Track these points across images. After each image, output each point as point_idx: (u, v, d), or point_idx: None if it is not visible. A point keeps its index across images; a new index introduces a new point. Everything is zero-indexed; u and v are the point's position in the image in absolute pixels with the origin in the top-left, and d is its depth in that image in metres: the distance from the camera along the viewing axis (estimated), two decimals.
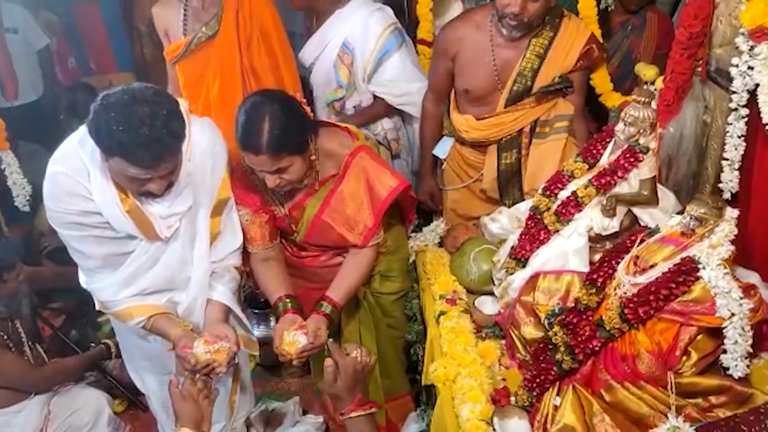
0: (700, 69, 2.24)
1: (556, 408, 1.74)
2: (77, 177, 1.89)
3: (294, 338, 2.04)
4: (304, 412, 3.09)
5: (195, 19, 2.80)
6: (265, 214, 2.28)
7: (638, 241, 1.81)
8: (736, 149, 2.07)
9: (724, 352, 1.62)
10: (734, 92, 2.00)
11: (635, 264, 1.75)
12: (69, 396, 2.88)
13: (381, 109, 3.07)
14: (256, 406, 2.94)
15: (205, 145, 2.05)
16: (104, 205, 1.90)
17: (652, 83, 2.48)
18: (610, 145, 2.09)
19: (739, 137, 2.05)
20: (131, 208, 1.92)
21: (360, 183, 2.23)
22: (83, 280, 2.12)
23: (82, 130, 1.92)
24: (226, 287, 2.18)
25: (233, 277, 2.21)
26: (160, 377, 2.37)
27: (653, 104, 2.07)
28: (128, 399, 3.13)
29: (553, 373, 1.79)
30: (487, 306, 2.27)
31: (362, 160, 2.23)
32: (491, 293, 2.32)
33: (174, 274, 2.09)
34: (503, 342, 2.14)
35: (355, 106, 3.08)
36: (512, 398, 1.87)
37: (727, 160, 2.09)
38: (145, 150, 1.73)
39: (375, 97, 3.03)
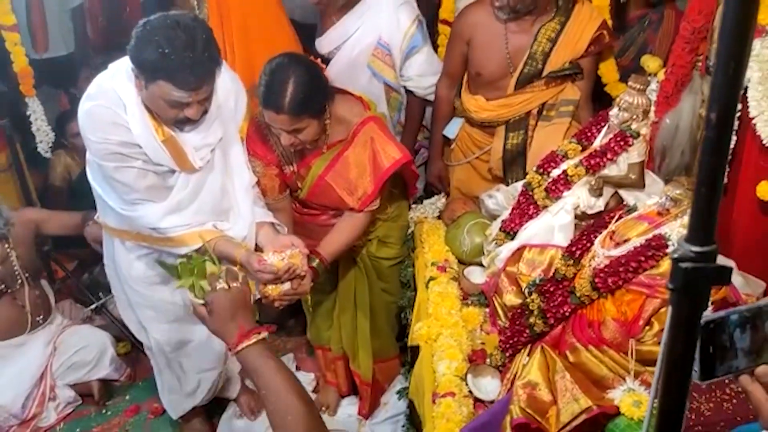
0: (700, 64, 2.30)
1: (525, 367, 1.83)
2: (115, 108, 1.99)
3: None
4: (297, 369, 3.21)
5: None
6: (275, 167, 2.40)
7: (616, 217, 1.89)
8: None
9: None
10: None
11: (611, 238, 1.82)
12: (76, 334, 3.01)
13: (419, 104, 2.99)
14: None
15: (228, 82, 2.16)
16: (141, 135, 2.00)
17: (655, 74, 2.54)
18: (605, 128, 2.17)
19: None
20: (167, 138, 2.03)
21: (365, 151, 2.32)
22: (123, 210, 2.12)
23: (113, 68, 2.04)
24: (262, 208, 2.32)
25: (258, 196, 2.35)
26: (163, 324, 2.48)
27: (649, 92, 2.14)
28: (131, 342, 3.22)
29: (525, 335, 1.88)
30: (476, 275, 2.35)
31: (371, 130, 2.32)
32: (481, 265, 2.41)
33: (216, 203, 2.20)
34: (487, 310, 2.22)
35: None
36: (487, 360, 1.97)
37: None
38: (190, 72, 1.85)
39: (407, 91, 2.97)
